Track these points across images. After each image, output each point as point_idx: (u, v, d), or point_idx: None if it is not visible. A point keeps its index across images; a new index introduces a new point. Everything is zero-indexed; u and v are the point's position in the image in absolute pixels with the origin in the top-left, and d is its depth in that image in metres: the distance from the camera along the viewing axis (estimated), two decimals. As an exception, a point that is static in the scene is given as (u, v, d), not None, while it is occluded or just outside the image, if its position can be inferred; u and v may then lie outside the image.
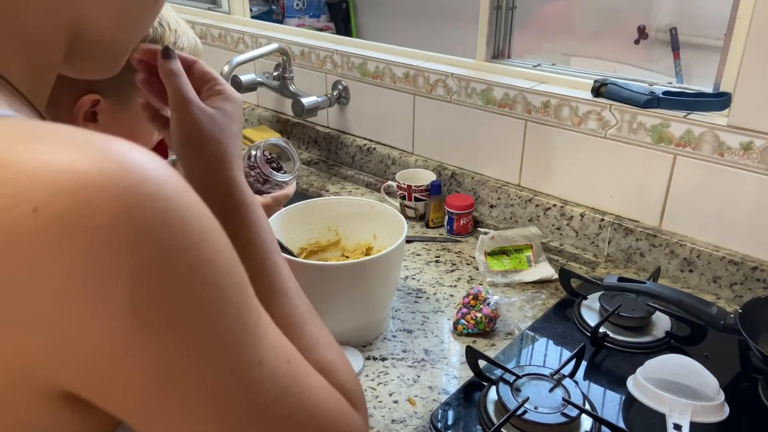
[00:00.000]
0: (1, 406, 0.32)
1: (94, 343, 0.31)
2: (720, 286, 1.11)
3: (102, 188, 0.30)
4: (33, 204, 0.29)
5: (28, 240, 0.29)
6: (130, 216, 0.30)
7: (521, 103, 1.29)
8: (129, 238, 0.30)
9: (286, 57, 1.66)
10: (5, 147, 0.30)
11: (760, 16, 0.97)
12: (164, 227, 0.31)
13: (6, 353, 0.30)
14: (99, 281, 0.30)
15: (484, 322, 1.02)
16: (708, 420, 0.79)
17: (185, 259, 0.32)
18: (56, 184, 0.29)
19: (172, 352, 0.33)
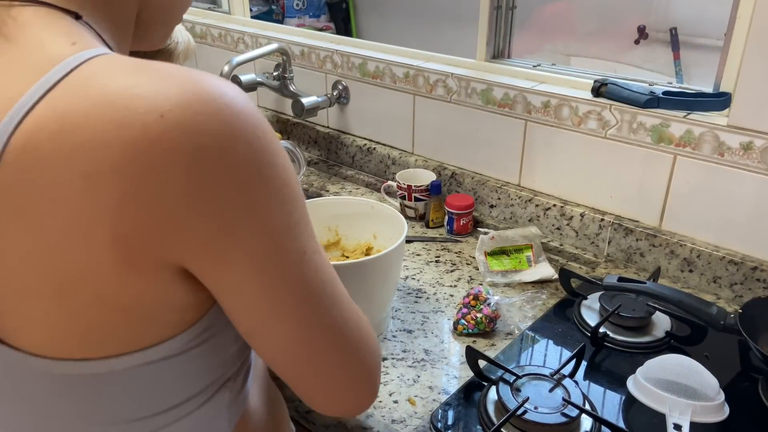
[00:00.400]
0: (129, 273, 0.41)
1: (208, 218, 0.40)
2: (720, 286, 1.11)
3: (208, 102, 0.39)
4: (160, 112, 0.38)
5: (157, 137, 0.38)
6: (231, 123, 0.40)
7: (521, 103, 1.29)
8: (231, 139, 0.40)
9: (286, 57, 1.66)
10: (126, 73, 0.40)
11: (760, 16, 0.97)
12: (254, 133, 0.41)
13: (136, 228, 0.39)
14: (211, 170, 0.39)
15: (484, 322, 1.02)
16: (708, 420, 0.79)
17: (270, 158, 0.42)
18: (174, 99, 0.39)
19: (266, 228, 0.43)
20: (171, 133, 0.38)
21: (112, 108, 0.38)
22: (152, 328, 0.45)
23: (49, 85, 0.40)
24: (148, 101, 0.38)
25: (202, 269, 0.43)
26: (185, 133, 0.38)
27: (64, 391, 0.46)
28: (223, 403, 0.54)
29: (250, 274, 0.43)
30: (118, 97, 0.38)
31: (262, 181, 0.42)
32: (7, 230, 0.40)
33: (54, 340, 0.44)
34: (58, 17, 0.45)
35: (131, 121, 0.38)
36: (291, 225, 0.45)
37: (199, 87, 0.40)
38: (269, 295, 0.45)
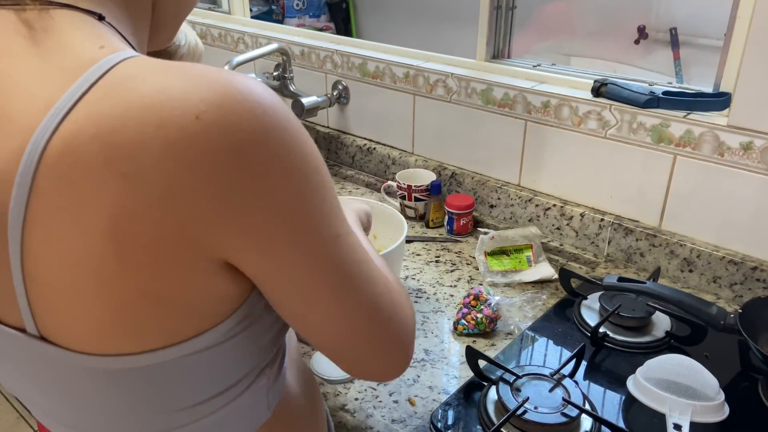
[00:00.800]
0: (172, 268, 0.42)
1: (247, 211, 0.42)
2: (720, 286, 1.11)
3: (240, 101, 0.41)
4: (195, 113, 0.39)
5: (194, 138, 0.39)
6: (262, 120, 0.41)
7: (521, 103, 1.29)
8: (263, 135, 0.41)
9: (286, 57, 1.66)
10: (158, 75, 0.41)
11: (760, 16, 0.97)
12: (284, 127, 0.43)
13: (178, 226, 0.41)
14: (247, 166, 0.41)
15: (484, 323, 1.02)
16: (708, 420, 0.79)
17: (300, 148, 0.44)
18: (208, 99, 0.40)
19: (302, 215, 0.45)
20: (207, 133, 0.40)
21: (149, 111, 0.40)
22: (194, 320, 0.47)
23: (83, 90, 0.41)
24: (183, 103, 0.40)
25: (246, 261, 0.45)
26: (220, 133, 0.40)
27: (111, 386, 0.48)
28: (262, 389, 0.57)
29: (293, 261, 0.46)
30: (153, 100, 0.40)
31: (296, 172, 0.44)
32: (51, 231, 0.42)
33: (98, 337, 0.45)
34: (84, 20, 0.46)
35: (168, 122, 0.39)
36: (325, 211, 0.47)
37: (229, 87, 0.42)
38: (311, 279, 0.47)
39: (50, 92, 0.41)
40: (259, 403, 0.57)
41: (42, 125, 0.40)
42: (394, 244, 0.96)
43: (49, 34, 0.44)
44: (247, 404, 0.56)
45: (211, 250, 0.43)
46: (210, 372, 0.51)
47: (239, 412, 0.55)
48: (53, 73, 0.42)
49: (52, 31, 0.45)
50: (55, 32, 0.45)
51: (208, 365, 0.50)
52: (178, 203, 0.40)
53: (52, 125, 0.40)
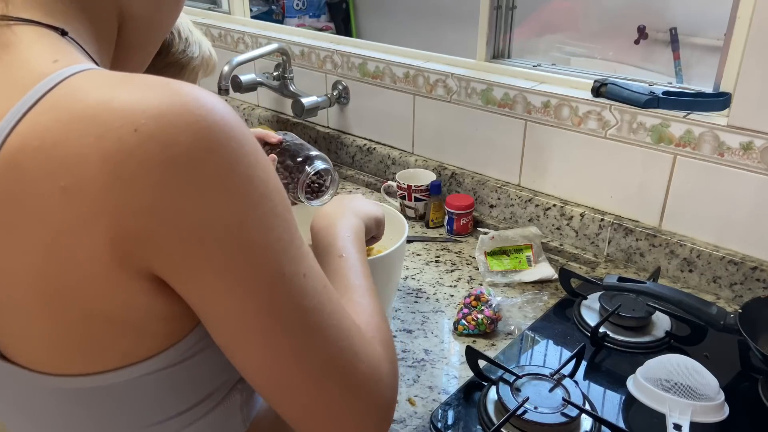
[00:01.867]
0: (111, 285, 0.41)
1: (179, 231, 0.40)
2: (720, 286, 1.11)
3: (182, 114, 0.39)
4: (134, 126, 0.38)
5: (131, 151, 0.38)
6: (203, 135, 0.40)
7: (521, 103, 1.29)
8: (203, 151, 0.39)
9: (286, 57, 1.66)
10: (105, 87, 0.40)
11: (760, 16, 0.97)
12: (229, 145, 0.41)
13: (114, 240, 0.39)
14: (181, 182, 0.39)
15: (485, 323, 1.02)
16: (708, 420, 0.79)
17: (246, 170, 0.41)
18: (149, 111, 0.39)
19: (239, 245, 0.41)
20: (144, 146, 0.38)
21: (91, 122, 0.39)
22: (145, 340, 0.45)
23: (30, 103, 0.40)
24: (124, 114, 0.39)
25: (175, 281, 0.42)
26: (158, 146, 0.38)
27: (72, 405, 0.47)
28: (235, 405, 0.55)
29: (219, 290, 0.42)
30: (96, 111, 0.39)
31: (238, 195, 0.41)
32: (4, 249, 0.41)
33: (51, 355, 0.45)
34: (44, 34, 0.45)
35: (108, 134, 0.38)
36: (269, 243, 0.43)
37: (176, 98, 0.40)
38: (238, 315, 0.43)
39: (1, 107, 0.41)
40: (232, 418, 0.55)
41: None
42: (395, 244, 0.96)
43: (9, 49, 0.44)
44: (221, 419, 0.54)
45: (145, 268, 0.41)
46: (174, 390, 0.49)
47: (211, 428, 0.53)
48: (6, 89, 0.42)
49: (12, 46, 0.44)
50: (14, 47, 0.44)
51: (171, 383, 0.48)
52: (111, 217, 0.39)
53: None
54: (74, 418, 0.48)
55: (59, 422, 0.49)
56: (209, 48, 0.95)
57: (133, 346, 0.45)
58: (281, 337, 0.44)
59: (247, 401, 0.57)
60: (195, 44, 0.92)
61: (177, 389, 0.49)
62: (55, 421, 0.49)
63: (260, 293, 0.43)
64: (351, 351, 0.48)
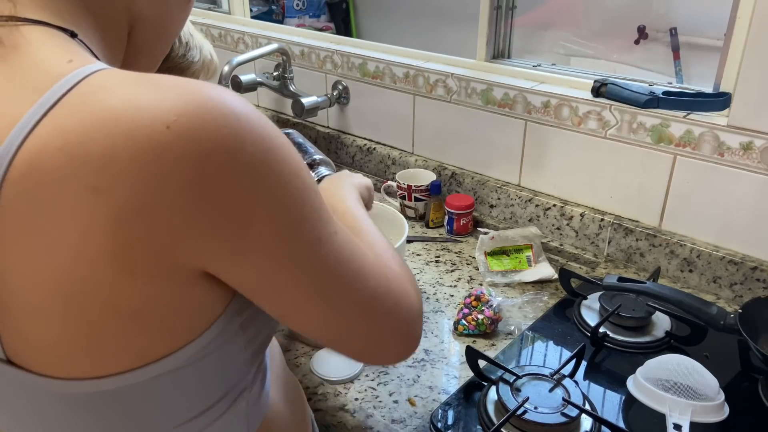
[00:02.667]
0: (142, 280, 0.41)
1: (221, 223, 0.41)
2: (720, 286, 1.11)
3: (211, 110, 0.40)
4: (165, 123, 0.39)
5: (165, 148, 0.38)
6: (234, 129, 0.41)
7: (521, 103, 1.29)
8: (235, 143, 0.41)
9: (286, 57, 1.66)
10: (126, 86, 0.41)
11: (760, 16, 0.97)
12: (257, 134, 0.42)
13: (149, 237, 0.40)
14: (220, 175, 0.40)
15: (485, 324, 1.02)
16: (708, 420, 0.79)
17: (275, 155, 0.43)
18: (177, 109, 0.39)
19: (280, 222, 0.44)
20: (178, 143, 0.39)
21: (117, 122, 0.39)
22: (166, 337, 0.46)
23: (49, 104, 0.40)
24: (152, 113, 0.39)
25: (223, 270, 0.44)
26: (192, 142, 0.39)
27: (79, 411, 0.47)
28: (241, 412, 0.55)
29: (272, 269, 0.45)
30: (121, 111, 0.39)
31: (273, 179, 0.43)
32: (12, 251, 0.41)
33: (66, 359, 0.44)
34: (53, 35, 0.45)
35: (137, 133, 0.38)
36: (305, 215, 0.46)
37: (200, 95, 0.41)
38: (292, 284, 0.47)
39: (16, 109, 0.40)
40: (238, 427, 0.56)
41: (6, 142, 0.39)
42: (395, 244, 0.96)
43: (18, 50, 0.43)
44: (226, 428, 0.54)
45: (186, 261, 0.42)
46: (184, 394, 0.49)
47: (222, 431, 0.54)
48: (20, 90, 0.41)
49: (20, 47, 0.44)
50: (23, 49, 0.43)
51: (182, 387, 0.49)
52: (149, 215, 0.39)
53: (17, 142, 0.39)
54: (85, 424, 0.48)
55: (55, 428, 0.49)
56: (210, 51, 0.95)
57: (151, 344, 0.45)
58: (334, 290, 0.49)
59: (253, 408, 0.57)
60: (195, 48, 0.91)
61: (187, 393, 0.50)
62: (62, 429, 0.49)
63: (307, 260, 0.46)
64: (384, 279, 0.54)
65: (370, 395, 0.90)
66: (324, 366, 0.94)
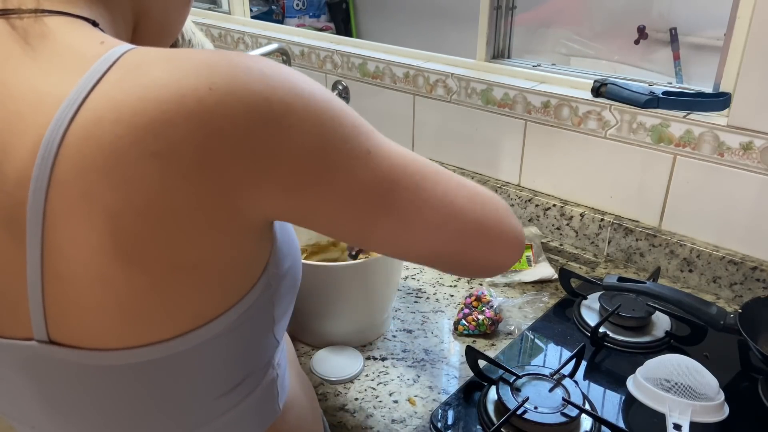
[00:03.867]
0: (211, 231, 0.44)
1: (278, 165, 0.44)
2: (720, 286, 1.11)
3: (249, 68, 0.43)
4: (208, 85, 0.41)
5: (213, 107, 0.41)
6: (270, 78, 0.44)
7: (521, 103, 1.29)
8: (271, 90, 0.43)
9: (286, 57, 1.66)
10: (163, 60, 0.43)
11: (760, 16, 0.97)
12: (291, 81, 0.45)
13: (219, 188, 0.42)
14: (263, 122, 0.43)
15: (485, 324, 1.02)
16: (708, 420, 0.79)
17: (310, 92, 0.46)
18: (217, 71, 0.42)
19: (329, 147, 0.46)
20: (222, 100, 0.41)
21: (166, 90, 0.41)
22: (216, 295, 0.47)
23: (95, 80, 0.42)
24: (195, 80, 0.42)
25: (286, 209, 0.47)
26: (234, 97, 0.42)
27: (124, 383, 0.47)
28: (272, 383, 0.57)
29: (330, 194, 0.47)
30: (166, 81, 0.41)
31: (309, 111, 0.45)
32: (71, 222, 0.41)
33: (120, 328, 0.45)
34: (78, 23, 0.47)
35: (186, 98, 0.41)
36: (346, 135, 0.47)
37: (233, 57, 0.44)
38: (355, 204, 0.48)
39: (59, 88, 0.42)
40: (270, 399, 0.58)
41: (56, 118, 0.41)
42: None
43: (47, 38, 0.45)
44: (260, 401, 0.56)
45: (248, 209, 0.44)
46: (225, 363, 0.51)
47: (253, 408, 0.55)
48: (58, 72, 0.43)
49: (48, 36, 0.45)
50: (51, 36, 0.45)
51: (223, 355, 0.50)
52: (210, 170, 0.42)
53: (68, 117, 0.41)
54: (129, 399, 0.48)
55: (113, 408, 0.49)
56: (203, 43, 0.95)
57: (207, 302, 0.47)
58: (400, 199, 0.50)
59: (280, 380, 0.59)
60: (198, 46, 0.92)
61: (229, 362, 0.51)
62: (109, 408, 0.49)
63: (360, 176, 0.48)
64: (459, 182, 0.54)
65: (370, 395, 0.91)
66: (324, 366, 0.94)
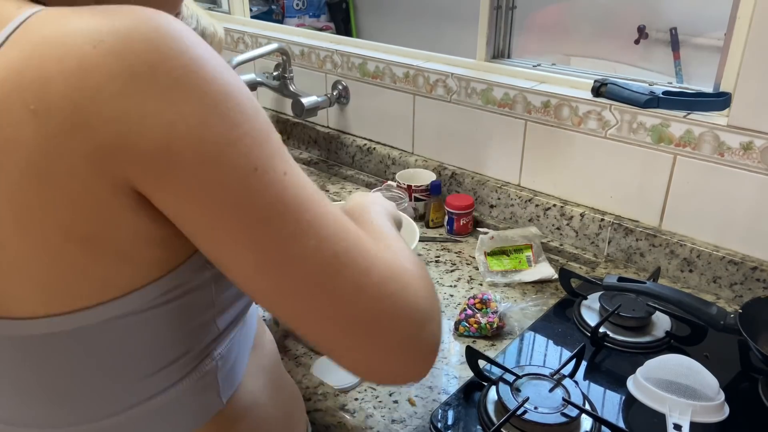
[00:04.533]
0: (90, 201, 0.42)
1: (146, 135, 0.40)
2: (720, 286, 1.11)
3: (137, 27, 0.41)
4: (93, 44, 0.40)
5: (92, 66, 0.40)
6: (159, 43, 0.41)
7: (521, 103, 1.29)
8: (159, 56, 0.41)
9: (286, 57, 1.66)
10: (62, 18, 0.42)
11: (760, 16, 0.97)
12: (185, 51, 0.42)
13: (89, 154, 0.40)
14: (143, 88, 0.40)
15: (487, 328, 1.01)
16: (708, 420, 0.79)
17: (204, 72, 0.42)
18: (105, 29, 0.41)
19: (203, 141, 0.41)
20: (104, 59, 0.40)
21: (51, 47, 0.41)
22: (126, 268, 0.45)
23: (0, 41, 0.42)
24: (82, 36, 0.41)
25: (150, 192, 0.43)
26: (117, 58, 0.40)
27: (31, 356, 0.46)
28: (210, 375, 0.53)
29: (192, 193, 0.42)
30: (55, 37, 0.41)
31: (196, 95, 0.42)
32: None
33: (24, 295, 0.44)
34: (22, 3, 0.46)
35: (68, 55, 0.40)
36: (235, 139, 0.42)
37: (133, 15, 0.42)
38: (215, 215, 0.42)
39: None
40: (209, 389, 0.54)
41: None
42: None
43: None
44: (196, 388, 0.52)
45: (123, 181, 0.42)
46: (146, 343, 0.48)
47: (188, 396, 0.52)
48: None
49: None
50: None
51: (144, 334, 0.47)
52: (83, 131, 0.40)
53: None
54: (39, 372, 0.47)
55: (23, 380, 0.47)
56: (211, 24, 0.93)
57: (112, 275, 0.45)
58: (267, 234, 0.43)
59: (227, 375, 0.55)
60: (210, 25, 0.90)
61: (150, 342, 0.48)
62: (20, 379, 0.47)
63: (234, 189, 0.42)
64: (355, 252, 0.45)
65: (370, 395, 0.90)
66: (325, 373, 0.93)
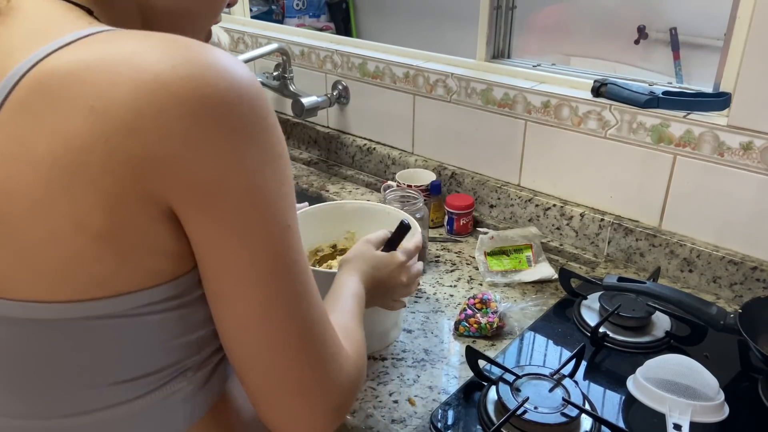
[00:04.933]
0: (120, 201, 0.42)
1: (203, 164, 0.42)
2: (720, 286, 1.11)
3: (215, 64, 0.43)
4: (171, 64, 0.42)
5: (166, 83, 0.41)
6: (235, 85, 0.43)
7: (521, 103, 1.29)
8: (234, 97, 0.43)
9: (286, 57, 1.66)
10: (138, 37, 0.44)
11: (760, 16, 0.97)
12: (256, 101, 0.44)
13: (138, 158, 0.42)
14: (213, 119, 0.42)
15: (487, 329, 1.01)
16: (708, 420, 0.79)
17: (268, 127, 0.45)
18: (185, 55, 0.43)
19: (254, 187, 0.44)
20: (180, 80, 0.42)
21: (124, 59, 0.42)
22: (125, 269, 0.45)
23: (65, 42, 0.44)
24: (158, 55, 0.42)
25: (187, 214, 0.44)
26: (193, 82, 0.42)
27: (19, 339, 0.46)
28: (179, 393, 0.52)
29: (232, 229, 0.45)
30: (129, 52, 0.43)
31: (259, 144, 0.44)
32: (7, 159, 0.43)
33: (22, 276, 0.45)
34: (70, 8, 0.49)
35: (142, 68, 0.42)
36: (281, 195, 0.46)
37: (205, 49, 0.44)
38: (245, 255, 0.46)
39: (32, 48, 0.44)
40: (174, 411, 0.52)
41: (17, 68, 0.43)
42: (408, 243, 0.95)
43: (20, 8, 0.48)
44: (160, 407, 0.51)
45: (157, 192, 0.43)
46: (123, 349, 0.47)
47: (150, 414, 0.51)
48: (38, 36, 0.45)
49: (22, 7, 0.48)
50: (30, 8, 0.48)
51: (124, 340, 0.47)
52: (138, 138, 0.41)
53: (27, 67, 0.43)
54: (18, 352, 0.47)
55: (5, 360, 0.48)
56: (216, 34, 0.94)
57: (109, 275, 0.45)
58: (279, 285, 0.47)
59: (194, 396, 0.53)
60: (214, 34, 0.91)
61: (127, 351, 0.48)
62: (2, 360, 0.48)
63: (270, 239, 0.46)
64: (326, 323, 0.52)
65: (370, 395, 0.90)
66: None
